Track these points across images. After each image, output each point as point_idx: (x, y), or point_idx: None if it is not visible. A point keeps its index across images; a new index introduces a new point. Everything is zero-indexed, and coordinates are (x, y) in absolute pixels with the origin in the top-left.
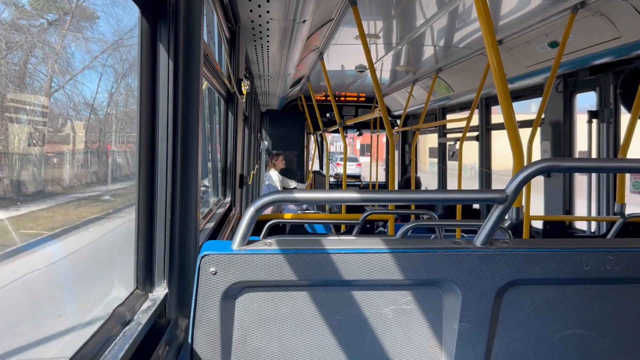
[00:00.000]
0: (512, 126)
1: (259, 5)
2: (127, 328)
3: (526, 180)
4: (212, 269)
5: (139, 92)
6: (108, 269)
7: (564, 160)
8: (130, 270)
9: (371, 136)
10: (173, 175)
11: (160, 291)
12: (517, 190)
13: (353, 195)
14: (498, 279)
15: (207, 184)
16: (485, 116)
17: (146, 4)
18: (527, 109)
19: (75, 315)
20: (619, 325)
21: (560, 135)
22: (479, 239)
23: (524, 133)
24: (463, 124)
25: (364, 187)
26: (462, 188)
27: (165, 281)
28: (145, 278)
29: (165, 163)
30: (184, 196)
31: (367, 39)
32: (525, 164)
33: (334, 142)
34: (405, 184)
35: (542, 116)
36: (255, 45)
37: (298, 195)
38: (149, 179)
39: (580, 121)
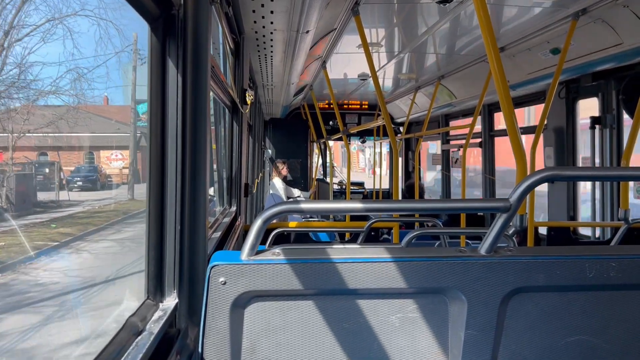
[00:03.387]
0: (514, 133)
1: (263, 17)
2: (139, 338)
3: (529, 189)
4: (221, 279)
5: (149, 106)
6: None
7: (567, 169)
8: None
9: (374, 143)
10: (182, 187)
11: (170, 301)
12: (521, 199)
13: (359, 205)
14: (503, 287)
15: (212, 194)
16: (489, 122)
17: (155, 20)
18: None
19: None
20: (623, 331)
21: (563, 141)
22: (483, 247)
23: (528, 139)
24: (466, 130)
25: (368, 195)
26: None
27: (175, 291)
28: (156, 288)
29: (174, 175)
30: (192, 208)
31: (370, 48)
32: (528, 169)
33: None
34: (408, 190)
35: (545, 122)
36: (259, 56)
37: (305, 205)
38: (159, 191)
39: (584, 127)
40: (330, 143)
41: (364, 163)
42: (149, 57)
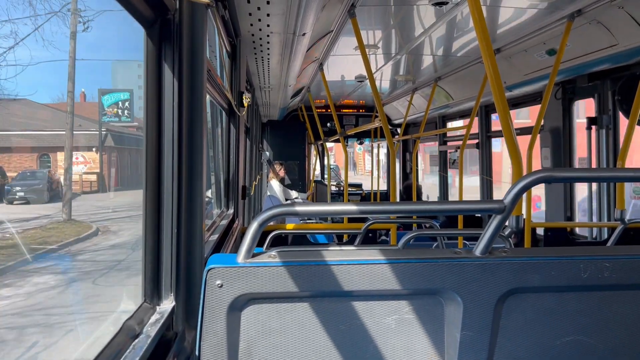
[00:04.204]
0: (510, 134)
1: (259, 20)
2: (136, 341)
3: (523, 191)
4: (218, 282)
5: (145, 110)
6: None
7: (561, 171)
8: None
9: (372, 144)
10: (179, 190)
11: (167, 304)
12: (515, 200)
13: (355, 207)
14: (498, 288)
15: (210, 196)
16: (485, 124)
17: (151, 24)
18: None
19: None
20: (618, 331)
21: (560, 141)
22: (478, 249)
23: (525, 140)
24: (463, 131)
25: (366, 196)
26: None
27: (172, 294)
28: (153, 292)
29: (171, 179)
30: (189, 211)
31: (367, 50)
32: (524, 170)
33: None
34: (405, 191)
35: (542, 123)
36: (256, 58)
37: (301, 208)
38: (156, 195)
39: (581, 127)
40: (332, 145)
41: (371, 165)
42: (145, 62)
